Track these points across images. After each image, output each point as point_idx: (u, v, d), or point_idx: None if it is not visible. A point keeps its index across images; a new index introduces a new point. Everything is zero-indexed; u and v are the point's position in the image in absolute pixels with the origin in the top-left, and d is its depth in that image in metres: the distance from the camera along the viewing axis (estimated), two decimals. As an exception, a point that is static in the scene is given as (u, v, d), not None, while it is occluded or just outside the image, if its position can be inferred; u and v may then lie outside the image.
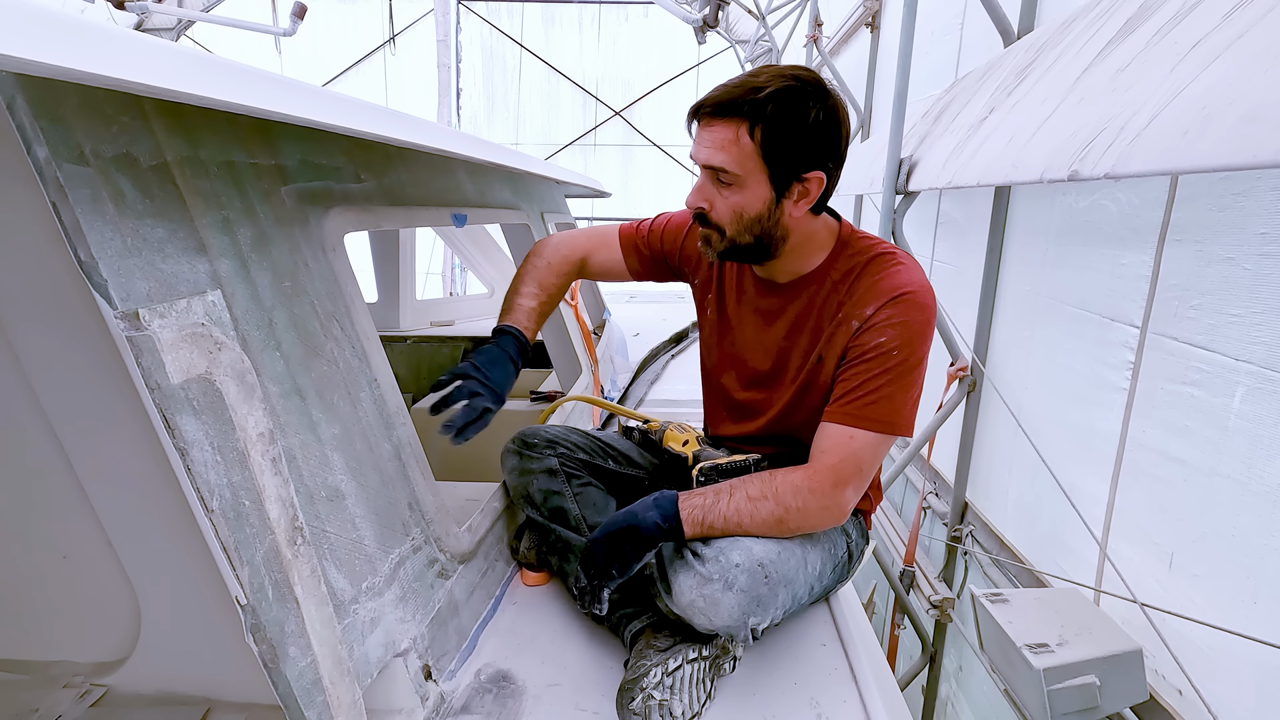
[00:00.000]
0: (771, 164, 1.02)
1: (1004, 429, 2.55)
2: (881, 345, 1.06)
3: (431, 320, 3.84)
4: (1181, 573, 1.64)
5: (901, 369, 1.06)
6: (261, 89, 0.73)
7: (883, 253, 1.13)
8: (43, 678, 1.15)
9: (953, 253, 3.14)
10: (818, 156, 1.02)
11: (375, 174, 1.21)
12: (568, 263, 1.37)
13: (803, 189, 1.04)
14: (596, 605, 1.06)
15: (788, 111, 0.99)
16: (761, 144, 1.00)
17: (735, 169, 1.03)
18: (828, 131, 1.01)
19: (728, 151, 1.02)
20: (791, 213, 1.07)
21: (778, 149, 1.00)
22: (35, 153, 0.63)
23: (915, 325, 1.06)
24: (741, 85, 1.00)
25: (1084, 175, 1.37)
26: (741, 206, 1.06)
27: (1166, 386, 1.69)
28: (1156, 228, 1.73)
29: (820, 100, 1.00)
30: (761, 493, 1.06)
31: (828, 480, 1.06)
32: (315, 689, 0.78)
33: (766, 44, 6.47)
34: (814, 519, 1.07)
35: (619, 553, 1.04)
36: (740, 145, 1.01)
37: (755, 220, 1.06)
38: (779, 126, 0.99)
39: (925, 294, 1.08)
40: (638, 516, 1.05)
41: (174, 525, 1.07)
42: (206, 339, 0.72)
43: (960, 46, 3.21)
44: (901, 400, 1.07)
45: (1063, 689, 1.65)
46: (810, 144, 1.01)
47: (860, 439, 1.06)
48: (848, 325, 1.10)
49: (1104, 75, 1.54)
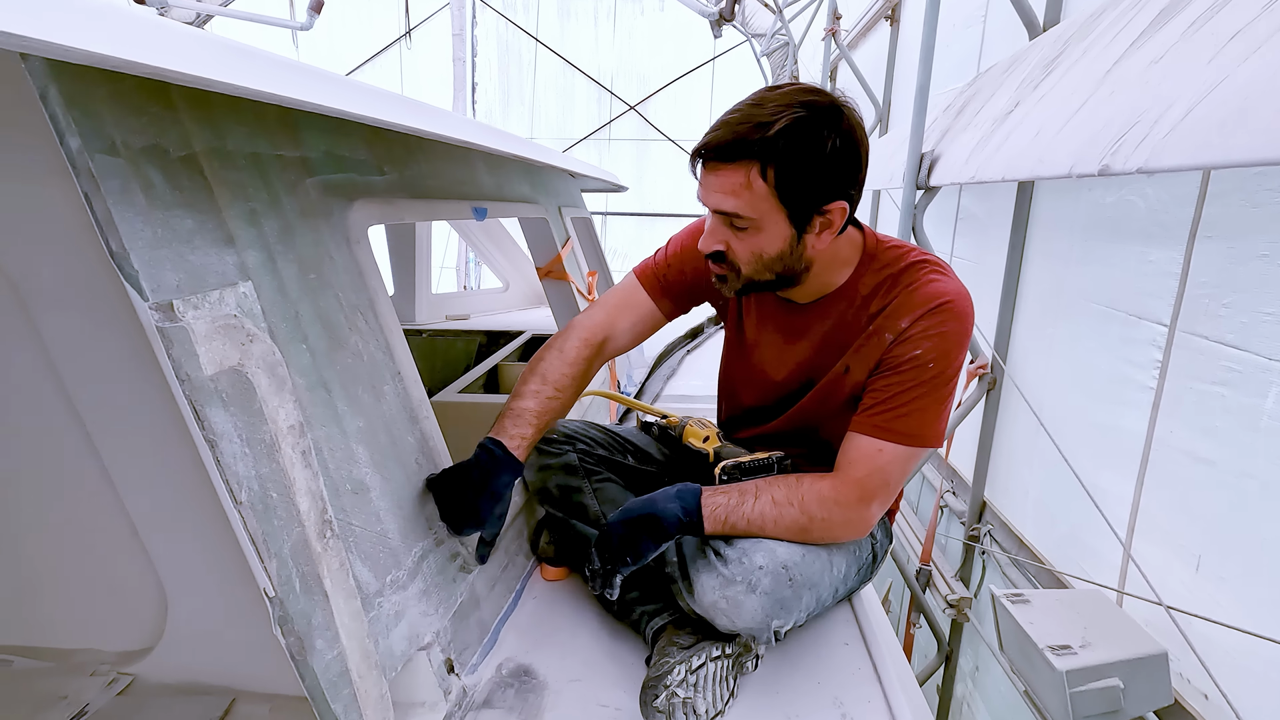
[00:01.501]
0: (789, 203, 0.95)
1: (1024, 427, 2.52)
2: (917, 358, 1.02)
3: (447, 314, 3.86)
4: (1209, 575, 1.61)
5: (936, 382, 1.02)
6: (291, 78, 0.73)
7: (915, 261, 1.07)
8: (70, 665, 1.17)
9: (973, 249, 3.10)
10: (838, 186, 0.95)
11: (397, 167, 1.21)
12: (586, 346, 1.20)
13: (825, 220, 0.98)
14: (608, 590, 1.04)
15: (801, 146, 0.91)
16: (776, 185, 0.93)
17: (750, 213, 0.96)
18: (846, 157, 0.94)
19: (740, 197, 0.94)
20: (815, 245, 1.01)
21: (794, 187, 0.93)
22: (68, 143, 0.63)
23: (953, 336, 1.02)
24: (747, 120, 0.91)
25: (1115, 170, 1.34)
26: (760, 248, 1.00)
27: (1195, 386, 1.66)
28: (1186, 224, 1.70)
29: (834, 126, 0.92)
30: (787, 498, 1.04)
31: (854, 494, 1.04)
32: (342, 681, 0.78)
33: (783, 38, 6.41)
34: (837, 532, 1.06)
35: (636, 540, 1.02)
36: (753, 190, 0.93)
37: (776, 259, 1.01)
38: (793, 164, 0.92)
39: (963, 302, 1.03)
40: (659, 506, 1.03)
41: (201, 517, 1.08)
42: (239, 331, 0.72)
43: (983, 39, 3.17)
44: (934, 413, 1.04)
45: (1085, 691, 1.62)
46: (829, 175, 0.94)
47: (889, 452, 1.03)
48: (880, 338, 1.05)
49: (1136, 67, 1.51)
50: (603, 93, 8.33)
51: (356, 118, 0.86)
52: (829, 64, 5.32)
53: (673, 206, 8.27)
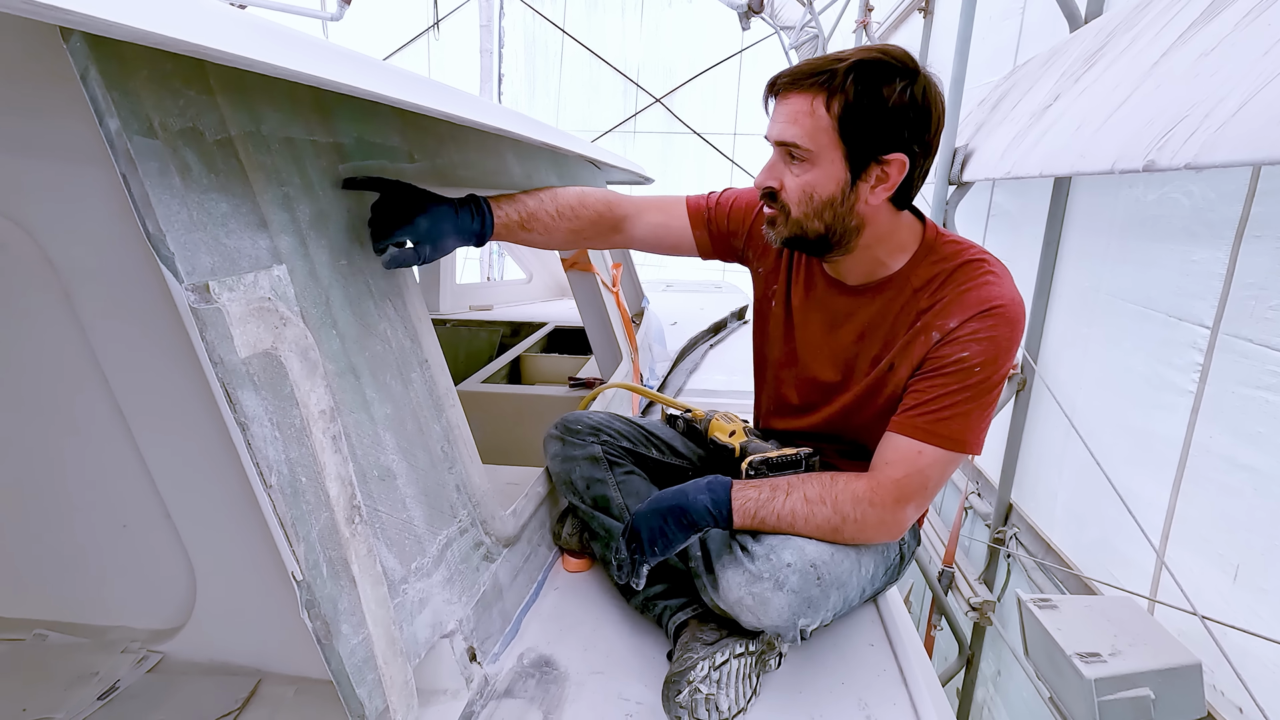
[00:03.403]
0: (849, 140, 0.93)
1: (1055, 430, 2.47)
2: (964, 360, 0.99)
3: (470, 304, 3.87)
4: (1247, 586, 1.57)
5: (982, 387, 0.99)
6: (330, 61, 0.73)
7: (972, 259, 1.04)
8: (102, 642, 1.19)
9: (1004, 246, 3.03)
10: (901, 137, 0.93)
11: (428, 154, 1.20)
12: (606, 206, 1.22)
13: (881, 173, 0.96)
14: (634, 580, 1.03)
15: (869, 84, 0.91)
16: (839, 117, 0.92)
17: (808, 143, 0.95)
18: (915, 112, 0.92)
19: (800, 124, 0.94)
20: (868, 199, 0.98)
21: (856, 123, 0.92)
22: (107, 124, 0.63)
23: (1002, 342, 0.99)
24: (824, 58, 0.93)
25: (1162, 165, 1.30)
26: (813, 186, 0.97)
27: (1238, 390, 1.60)
28: (1233, 223, 1.64)
29: (908, 77, 0.92)
30: (820, 496, 1.02)
31: (890, 495, 1.01)
32: (367, 666, 0.78)
33: (812, 30, 6.32)
34: (870, 533, 1.03)
35: (664, 531, 1.01)
36: (815, 117, 0.93)
37: (827, 204, 0.98)
38: (859, 99, 0.91)
39: (1016, 308, 1.00)
40: (689, 497, 1.02)
41: (231, 499, 1.09)
42: (272, 314, 0.72)
43: (1021, 31, 3.09)
44: (977, 419, 1.01)
45: (1114, 700, 1.59)
46: (893, 122, 0.92)
47: (929, 455, 1.01)
48: (927, 335, 1.03)
49: (1185, 60, 1.46)
50: (628, 85, 8.30)
51: (393, 102, 0.86)
52: (859, 57, 5.23)
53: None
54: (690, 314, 3.94)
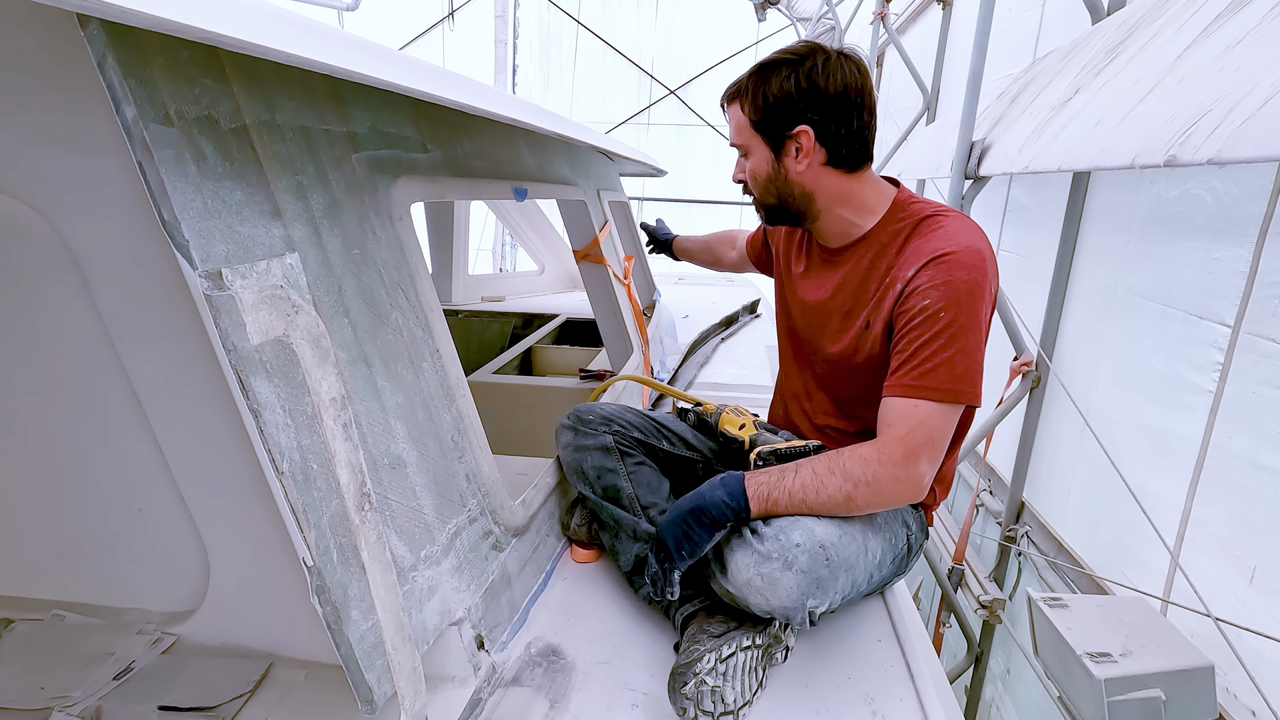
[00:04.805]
0: (760, 128, 1.15)
1: (1069, 428, 2.45)
2: (926, 308, 1.04)
3: (483, 295, 3.88)
4: (1264, 589, 1.55)
5: (953, 331, 1.02)
6: (345, 50, 0.73)
7: (931, 214, 1.13)
8: (118, 623, 1.21)
9: (1021, 242, 3.00)
10: (797, 111, 1.11)
11: (441, 144, 1.21)
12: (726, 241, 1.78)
13: (796, 144, 1.13)
14: (669, 590, 1.04)
15: (760, 82, 1.13)
16: (750, 115, 1.16)
17: (739, 140, 1.20)
18: (800, 91, 1.10)
19: (734, 127, 1.20)
20: (795, 168, 1.15)
21: (761, 115, 1.14)
22: (124, 112, 0.63)
23: (961, 285, 1.03)
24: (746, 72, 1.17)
25: (1183, 160, 1.28)
26: (755, 170, 1.20)
27: (1259, 390, 1.58)
28: (1257, 220, 1.61)
29: (794, 65, 1.10)
30: (829, 468, 1.03)
31: (898, 451, 1.01)
32: (376, 652, 0.79)
33: (829, 22, 6.26)
34: (886, 492, 1.02)
35: (688, 534, 1.02)
36: (739, 120, 1.18)
37: (769, 180, 1.19)
38: (755, 97, 1.14)
39: (969, 254, 1.04)
40: (705, 497, 1.03)
41: (244, 485, 1.10)
42: (285, 301, 0.73)
43: (1041, 24, 3.04)
44: (962, 365, 1.02)
45: (1124, 701, 1.57)
46: (785, 104, 1.11)
47: (924, 408, 1.03)
48: (893, 289, 1.10)
49: (1210, 53, 1.43)
50: (643, 77, 8.26)
51: (408, 91, 0.86)
52: (876, 49, 5.18)
53: (711, 193, 8.19)
54: (702, 307, 3.93)
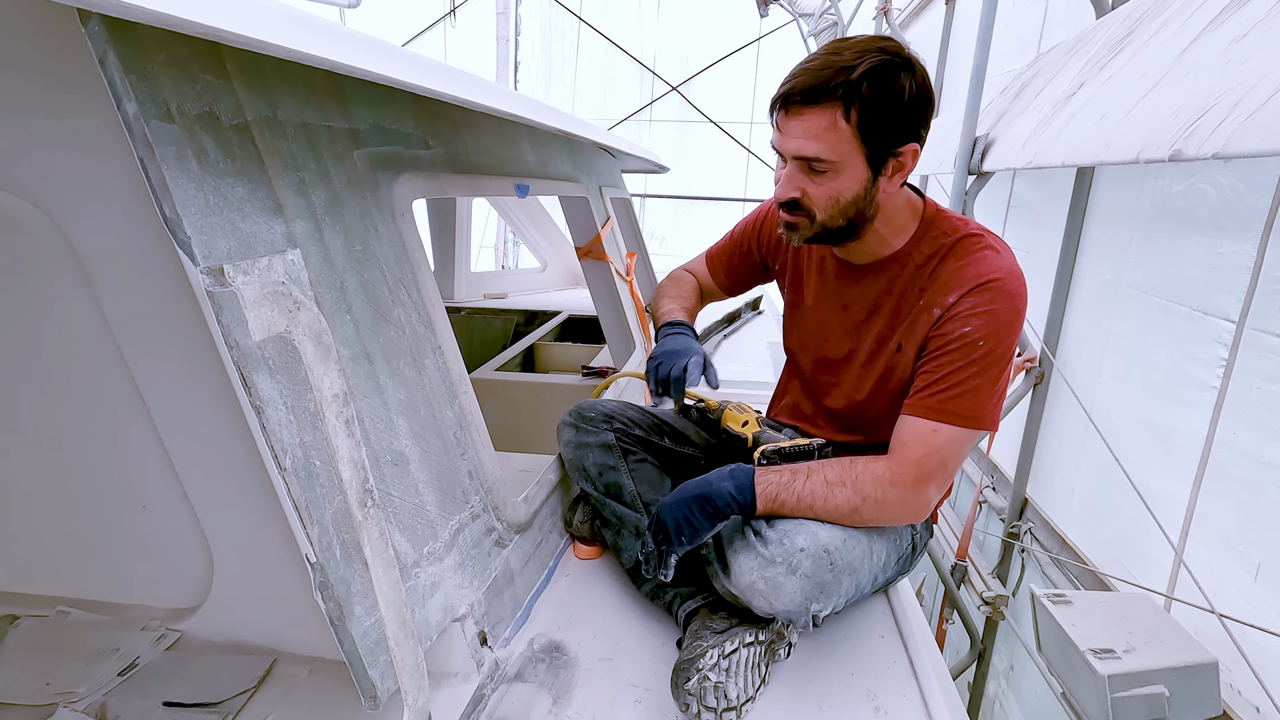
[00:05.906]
0: (869, 143, 0.98)
1: (1073, 424, 2.44)
2: (966, 336, 1.01)
3: (485, 292, 3.88)
4: (1268, 584, 1.54)
5: (987, 360, 1.00)
6: (347, 45, 0.73)
7: (970, 234, 1.07)
8: (123, 619, 1.21)
9: (1025, 238, 2.99)
10: (913, 128, 0.99)
11: (443, 141, 1.20)
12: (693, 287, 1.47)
13: (898, 163, 1.01)
14: (663, 571, 1.04)
15: (884, 88, 0.94)
16: (859, 126, 0.96)
17: (832, 156, 0.98)
18: (921, 100, 0.97)
19: (823, 140, 0.97)
20: (886, 189, 1.04)
21: (876, 128, 0.96)
22: (125, 108, 0.63)
23: (1002, 315, 1.00)
24: (828, 66, 0.95)
25: (1188, 155, 1.27)
26: (839, 191, 1.02)
27: (1264, 386, 1.57)
28: (1262, 214, 1.61)
29: (910, 70, 0.96)
30: (840, 478, 1.03)
31: (911, 474, 1.01)
32: (379, 648, 0.79)
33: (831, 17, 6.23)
34: (891, 513, 1.03)
35: (690, 520, 1.02)
36: (837, 130, 0.96)
37: (852, 203, 1.03)
38: (877, 105, 0.95)
39: (1014, 281, 1.02)
40: (712, 486, 1.03)
41: (247, 482, 1.10)
42: (286, 298, 0.73)
43: (1044, 18, 3.03)
44: (987, 394, 1.01)
45: (1128, 697, 1.57)
46: (907, 117, 0.97)
47: (944, 434, 1.01)
48: (929, 313, 1.06)
49: (1216, 47, 1.42)
50: (645, 73, 8.24)
51: (410, 87, 0.86)
52: (879, 44, 5.14)
53: (713, 190, 8.17)
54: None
